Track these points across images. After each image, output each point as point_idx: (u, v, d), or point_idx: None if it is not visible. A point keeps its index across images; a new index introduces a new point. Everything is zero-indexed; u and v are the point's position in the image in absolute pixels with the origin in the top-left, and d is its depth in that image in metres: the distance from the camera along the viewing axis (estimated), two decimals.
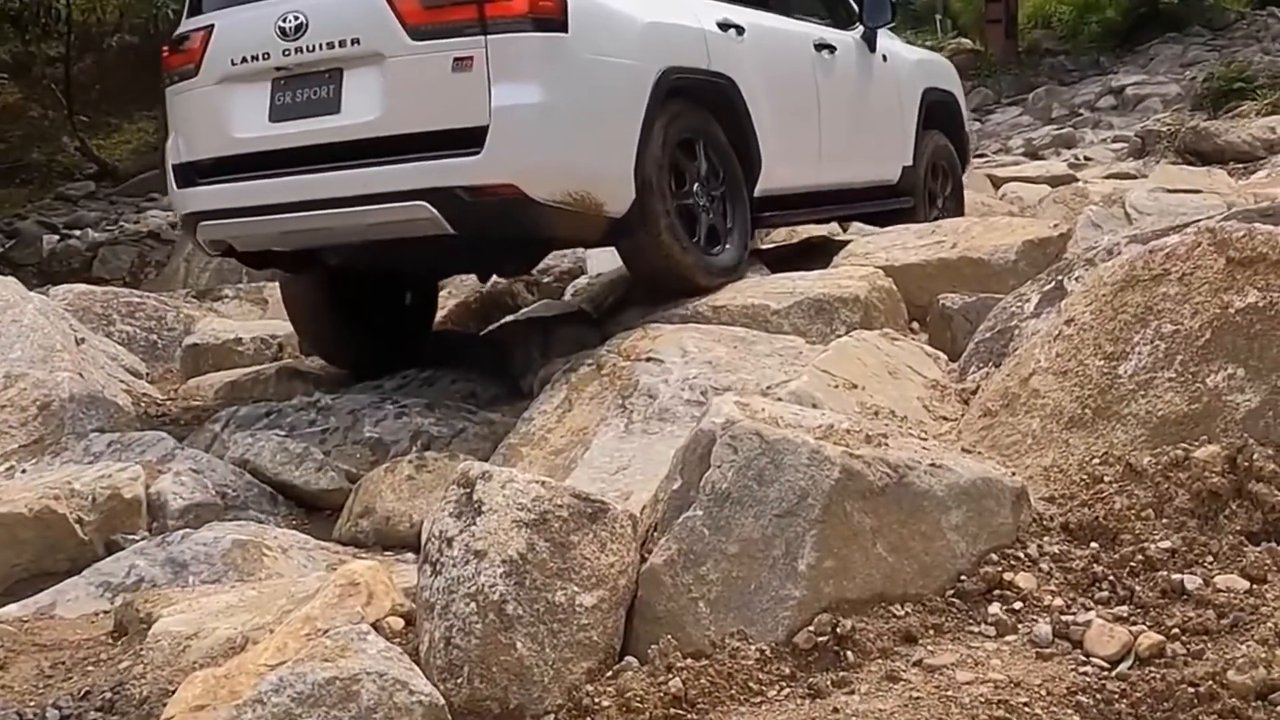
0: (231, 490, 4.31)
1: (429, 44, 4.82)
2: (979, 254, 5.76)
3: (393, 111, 4.87)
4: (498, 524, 2.63)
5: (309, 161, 4.99)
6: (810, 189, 6.47)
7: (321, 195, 4.95)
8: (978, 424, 3.34)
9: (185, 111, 5.43)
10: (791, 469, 2.67)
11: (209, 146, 5.30)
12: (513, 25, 4.80)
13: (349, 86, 4.96)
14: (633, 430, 4.19)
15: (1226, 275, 3.00)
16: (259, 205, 5.11)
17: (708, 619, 2.61)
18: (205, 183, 5.30)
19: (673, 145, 5.30)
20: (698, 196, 5.48)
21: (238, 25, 5.23)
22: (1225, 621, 2.42)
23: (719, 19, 5.76)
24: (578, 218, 4.98)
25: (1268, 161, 11.16)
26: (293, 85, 5.06)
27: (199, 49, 5.29)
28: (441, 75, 4.79)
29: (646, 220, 5.12)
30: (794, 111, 6.23)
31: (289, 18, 5.00)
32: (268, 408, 4.99)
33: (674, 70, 5.31)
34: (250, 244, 5.49)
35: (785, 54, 6.32)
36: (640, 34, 5.27)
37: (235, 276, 9.15)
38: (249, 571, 3.59)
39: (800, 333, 4.84)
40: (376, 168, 4.86)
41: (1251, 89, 14.88)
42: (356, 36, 4.93)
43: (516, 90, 4.79)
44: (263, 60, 5.09)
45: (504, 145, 4.76)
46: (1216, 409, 2.88)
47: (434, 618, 2.61)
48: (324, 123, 4.98)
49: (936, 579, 2.65)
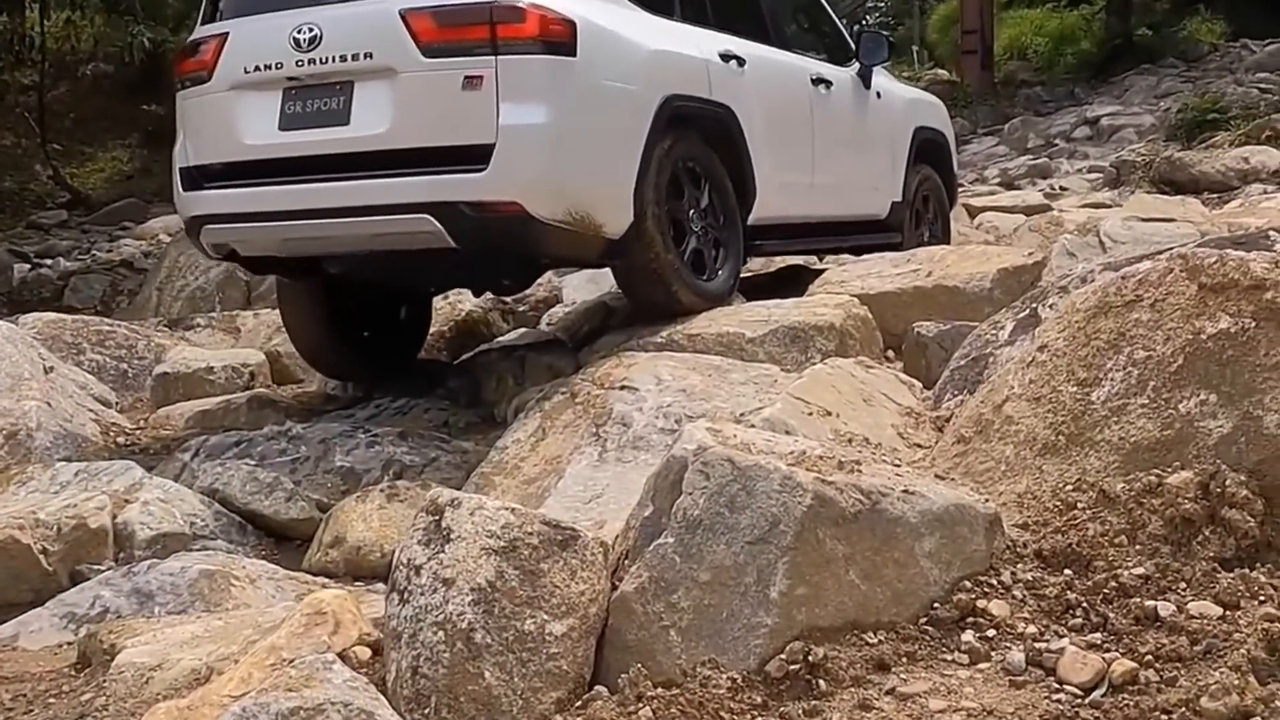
0: (200, 520, 4.26)
1: (440, 61, 4.91)
2: (954, 282, 5.78)
3: (401, 125, 4.95)
4: (466, 551, 2.60)
5: (316, 170, 5.07)
6: (802, 220, 6.58)
7: (327, 204, 5.03)
8: (952, 450, 3.33)
9: (196, 116, 5.50)
10: (764, 495, 2.64)
11: (218, 151, 5.37)
12: (523, 47, 4.91)
13: (359, 99, 5.04)
14: (607, 459, 4.17)
15: (1198, 301, 3.00)
16: (265, 211, 5.19)
17: (679, 647, 2.58)
18: (212, 187, 5.37)
19: (672, 171, 5.40)
20: (693, 222, 5.59)
21: (252, 34, 5.31)
22: (1198, 648, 2.40)
23: (721, 50, 5.90)
24: (577, 237, 5.06)
25: (1242, 191, 11.25)
26: (304, 95, 5.15)
27: (213, 55, 5.36)
28: (451, 92, 4.88)
29: (643, 242, 5.20)
30: (789, 143, 6.36)
31: (304, 29, 5.09)
32: (238, 437, 4.94)
33: (676, 98, 5.42)
34: (253, 249, 5.53)
35: (783, 87, 6.46)
36: (645, 61, 5.39)
37: (208, 305, 9.09)
38: (216, 602, 3.54)
39: (775, 361, 4.83)
40: (382, 179, 4.94)
41: (1225, 120, 15.00)
42: (370, 51, 5.02)
43: (524, 110, 4.89)
44: (275, 69, 5.17)
45: (509, 163, 4.85)
46: (1189, 435, 2.87)
47: (401, 647, 2.57)
48: (333, 133, 5.06)
49: (909, 606, 2.63)
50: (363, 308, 6.07)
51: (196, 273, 9.48)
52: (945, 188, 8.17)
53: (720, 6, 6.26)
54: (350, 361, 6.06)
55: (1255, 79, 18.83)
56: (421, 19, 4.95)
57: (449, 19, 4.94)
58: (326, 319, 5.97)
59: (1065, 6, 27.16)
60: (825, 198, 6.73)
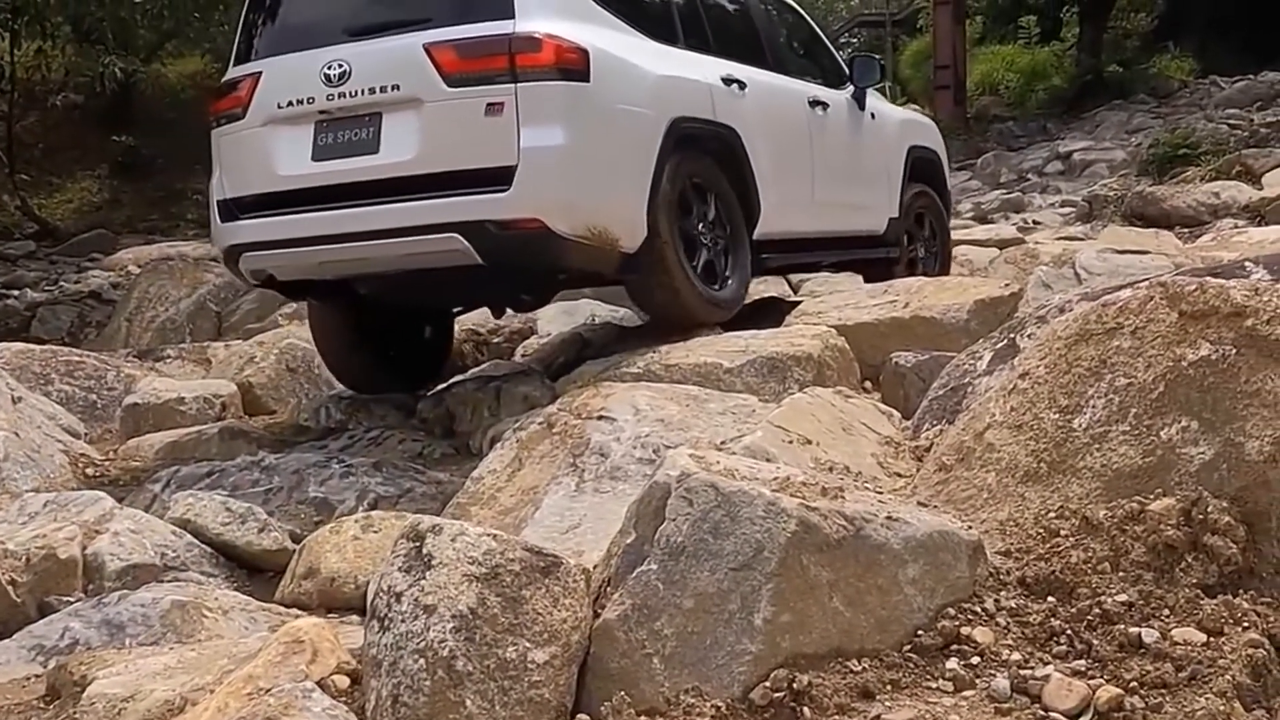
0: (171, 551, 4.18)
1: (464, 90, 5.22)
2: (931, 313, 5.80)
3: (428, 152, 5.24)
4: (448, 578, 2.57)
5: (349, 197, 5.35)
6: (804, 235, 6.91)
7: (361, 228, 5.31)
8: (933, 478, 3.31)
9: (231, 151, 5.79)
10: (747, 521, 2.62)
11: (254, 183, 5.65)
12: (541, 74, 5.22)
13: (388, 128, 5.33)
14: (584, 489, 4.13)
15: (1179, 329, 3.00)
16: (301, 237, 5.47)
17: (662, 675, 2.55)
18: (248, 217, 5.66)
19: (681, 187, 5.72)
20: (703, 235, 5.89)
21: (285, 72, 5.60)
22: (1183, 675, 2.39)
23: (723, 75, 6.23)
24: (595, 252, 5.39)
25: (1213, 225, 11.35)
26: (335, 127, 5.44)
27: (247, 93, 5.67)
28: (474, 119, 5.18)
29: (656, 255, 5.52)
30: (790, 161, 6.66)
31: (333, 65, 5.39)
32: (210, 467, 4.89)
33: (683, 120, 5.76)
34: (291, 273, 5.82)
35: (783, 108, 6.79)
36: (654, 86, 5.71)
37: (178, 337, 9.03)
38: (188, 633, 3.48)
39: (753, 391, 4.82)
40: (412, 203, 5.23)
41: (1195, 155, 15.15)
42: (396, 83, 5.32)
43: (543, 133, 5.19)
44: (307, 104, 5.47)
45: (530, 183, 5.15)
46: (1171, 462, 2.86)
47: (381, 675, 2.53)
48: (364, 161, 5.35)
49: (894, 633, 2.61)
50: (389, 326, 6.37)
51: (166, 304, 9.43)
52: (941, 202, 8.49)
53: (721, 34, 6.58)
54: (378, 377, 6.31)
55: (1225, 115, 19.07)
56: (445, 51, 5.24)
57: (471, 50, 5.23)
58: (356, 337, 6.28)
59: (1037, 43, 27.50)
60: (825, 213, 7.02)
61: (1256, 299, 2.95)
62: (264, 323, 8.84)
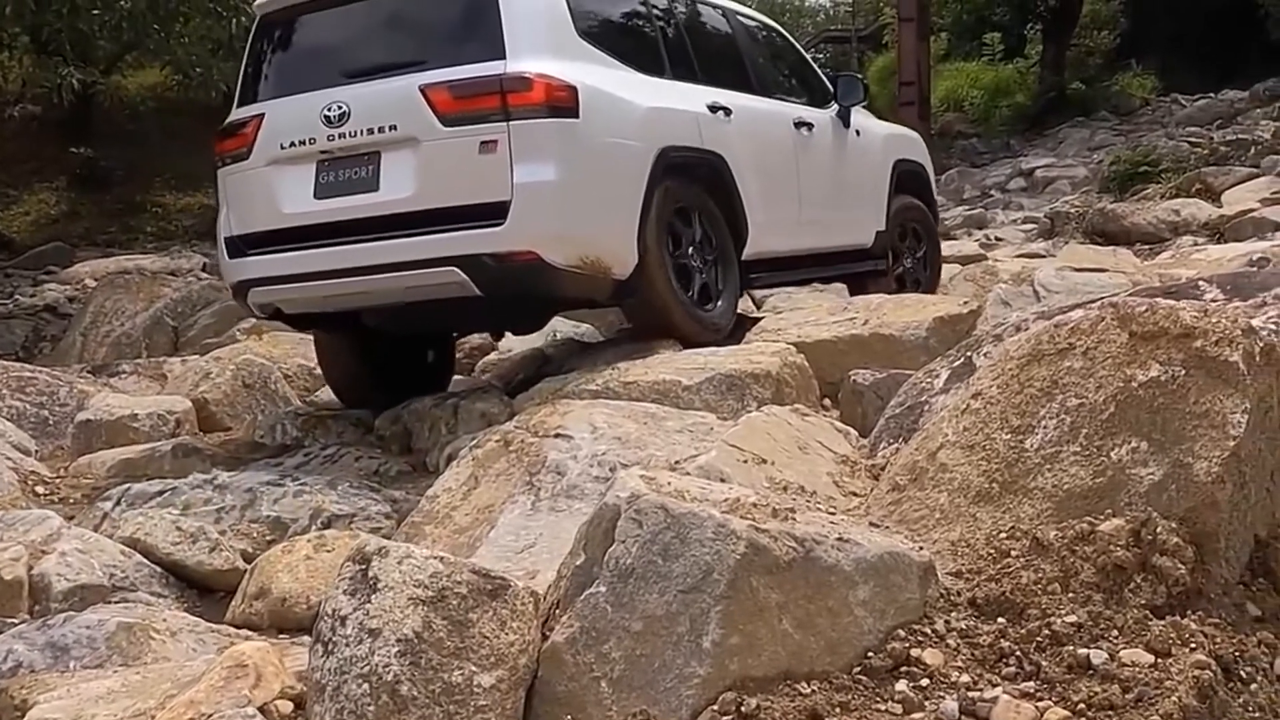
0: (120, 571, 4.13)
1: (458, 129, 5.43)
2: (890, 330, 5.81)
3: (426, 188, 5.46)
4: (393, 601, 2.54)
5: (351, 233, 5.58)
6: (792, 253, 7.11)
7: (363, 263, 5.53)
8: (886, 498, 3.31)
9: (236, 190, 6.03)
10: (697, 543, 2.60)
11: (259, 221, 5.88)
12: (532, 112, 5.43)
13: (386, 167, 5.55)
14: (540, 508, 4.10)
15: (1130, 349, 3.01)
16: (307, 272, 5.70)
17: (610, 699, 2.52)
18: (255, 253, 5.88)
19: (670, 214, 5.94)
20: (693, 260, 6.11)
21: (287, 113, 5.83)
22: (1130, 696, 2.38)
23: (709, 102, 6.44)
24: (588, 280, 5.62)
25: (1172, 243, 11.44)
26: (336, 166, 5.67)
27: (251, 134, 5.90)
28: (469, 156, 5.40)
29: (647, 281, 5.75)
30: (776, 183, 6.86)
31: (333, 107, 5.62)
32: (161, 485, 4.82)
33: (671, 149, 5.96)
34: (297, 307, 6.05)
35: (768, 132, 7.00)
36: (641, 118, 5.92)
37: (133, 352, 8.93)
38: (134, 655, 3.43)
39: (711, 409, 4.81)
40: (412, 238, 5.45)
41: (1156, 172, 15.30)
42: (394, 123, 5.53)
43: (535, 169, 5.40)
44: (309, 144, 5.69)
45: (525, 217, 5.36)
46: (1121, 482, 2.87)
47: (325, 700, 2.50)
48: (364, 199, 5.57)
49: (843, 655, 2.59)
50: (392, 351, 6.58)
51: (122, 318, 9.33)
52: (929, 212, 8.73)
53: (705, 62, 6.78)
54: (382, 400, 6.36)
55: (1185, 133, 19.28)
56: (440, 92, 5.46)
57: (464, 91, 5.44)
58: (360, 363, 6.49)
59: (1001, 60, 27.73)
60: (812, 231, 7.24)
61: (1205, 320, 2.96)
62: (221, 338, 8.76)
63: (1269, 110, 19.55)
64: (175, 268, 13.24)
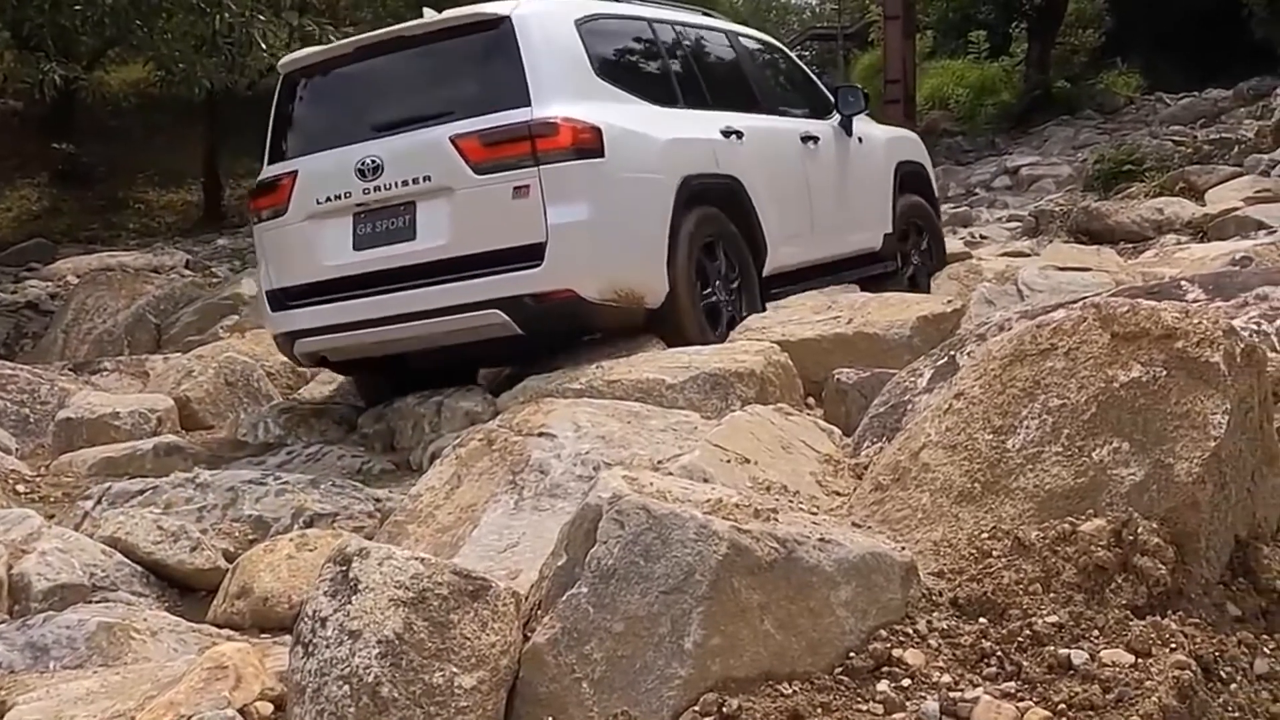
0: (101, 570, 4.10)
1: (490, 177, 5.66)
2: (874, 329, 5.82)
3: (462, 235, 5.70)
4: (374, 602, 2.53)
5: (391, 282, 5.82)
6: (808, 264, 7.35)
7: (406, 310, 5.77)
8: (869, 498, 3.30)
9: (275, 245, 6.25)
10: (679, 544, 2.60)
11: (301, 274, 6.13)
12: (560, 156, 5.66)
13: (422, 216, 5.78)
14: (523, 507, 4.09)
15: (1111, 350, 3.01)
16: (351, 322, 5.93)
17: (591, 700, 2.52)
18: (297, 305, 6.14)
19: (696, 241, 6.20)
20: (717, 284, 6.40)
21: (320, 169, 6.05)
22: (1110, 696, 2.39)
23: (722, 128, 6.72)
24: (623, 312, 5.88)
25: (1156, 241, 11.44)
26: (372, 218, 5.89)
27: (286, 191, 6.13)
28: (503, 202, 5.63)
29: (678, 308, 6.02)
30: (789, 199, 7.15)
31: (367, 161, 5.84)
32: (143, 484, 4.80)
33: (691, 178, 6.25)
34: (343, 355, 6.27)
35: (778, 150, 7.28)
36: (661, 150, 6.19)
37: (116, 349, 8.90)
38: (115, 655, 3.41)
39: (695, 408, 4.81)
40: (452, 284, 5.69)
41: (1140, 171, 15.32)
42: (428, 174, 5.77)
43: (568, 210, 5.63)
44: (345, 199, 5.92)
45: (561, 256, 5.62)
46: (1102, 483, 2.87)
47: (305, 702, 2.49)
48: (402, 248, 5.80)
49: (825, 656, 2.59)
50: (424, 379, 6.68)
51: (104, 315, 9.30)
52: (931, 209, 9.12)
53: (714, 87, 7.09)
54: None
55: (1170, 131, 19.34)
56: (470, 142, 5.70)
57: (494, 139, 5.68)
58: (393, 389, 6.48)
59: (986, 58, 27.78)
60: (825, 241, 7.53)
61: (1187, 321, 2.96)
62: (204, 335, 8.74)
63: (1252, 109, 19.60)
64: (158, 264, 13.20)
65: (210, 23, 12.21)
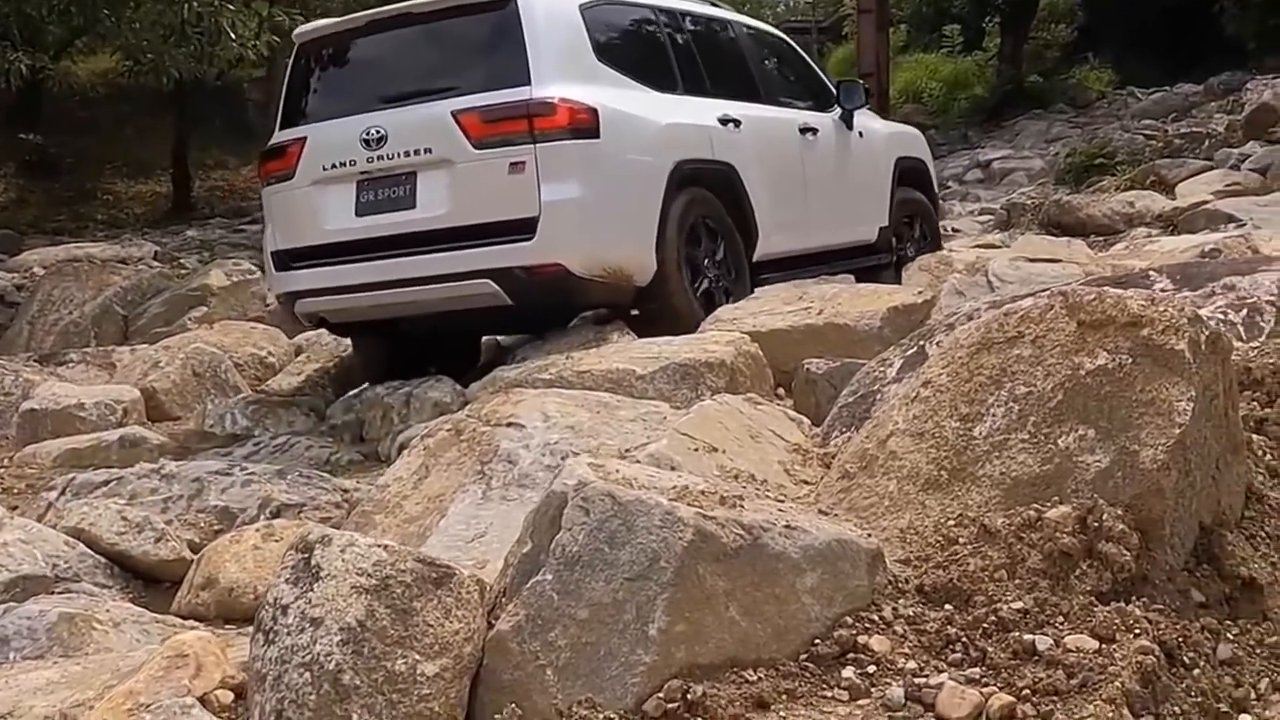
0: (63, 561, 4.06)
1: (489, 152, 5.91)
2: (845, 320, 5.82)
3: (459, 206, 5.95)
4: (336, 590, 2.51)
5: (390, 248, 6.08)
6: (800, 252, 7.54)
7: (402, 276, 6.02)
8: (836, 486, 3.30)
9: (281, 208, 6.53)
10: (644, 531, 2.58)
11: (304, 236, 6.38)
12: (556, 135, 5.90)
13: (422, 186, 6.03)
14: (491, 497, 4.08)
15: (1078, 338, 3.02)
16: (350, 285, 6.20)
17: (555, 687, 2.50)
18: (300, 267, 6.39)
19: (685, 223, 6.38)
20: (706, 264, 6.56)
21: (328, 137, 6.32)
22: (1074, 681, 2.39)
23: (719, 115, 6.91)
24: (612, 288, 6.10)
25: (1127, 234, 11.51)
26: (375, 186, 6.15)
27: (294, 157, 6.39)
28: (499, 176, 5.87)
29: (666, 287, 6.20)
30: (784, 188, 7.31)
31: (371, 130, 6.10)
32: (107, 475, 4.76)
33: (685, 162, 6.44)
34: (341, 316, 6.53)
35: (775, 140, 7.45)
36: (656, 134, 6.40)
37: (82, 340, 8.82)
38: (76, 646, 3.37)
39: (665, 398, 4.81)
40: (447, 252, 5.94)
41: (1111, 165, 15.40)
42: (429, 146, 6.03)
43: (561, 187, 5.86)
44: (350, 166, 6.18)
45: (552, 232, 5.85)
46: (1068, 470, 2.87)
47: (265, 690, 2.47)
48: (402, 216, 6.06)
49: (790, 643, 2.58)
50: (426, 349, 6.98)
51: (71, 306, 9.22)
52: (930, 204, 9.31)
53: (715, 75, 7.25)
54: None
55: (1141, 125, 19.42)
56: (471, 117, 5.95)
57: (494, 115, 5.93)
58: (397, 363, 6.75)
59: (959, 52, 27.86)
60: (819, 231, 7.68)
61: (1152, 309, 2.97)
62: (171, 327, 8.67)
63: (1223, 104, 19.72)
64: (125, 256, 13.10)
65: (179, 12, 12.11)
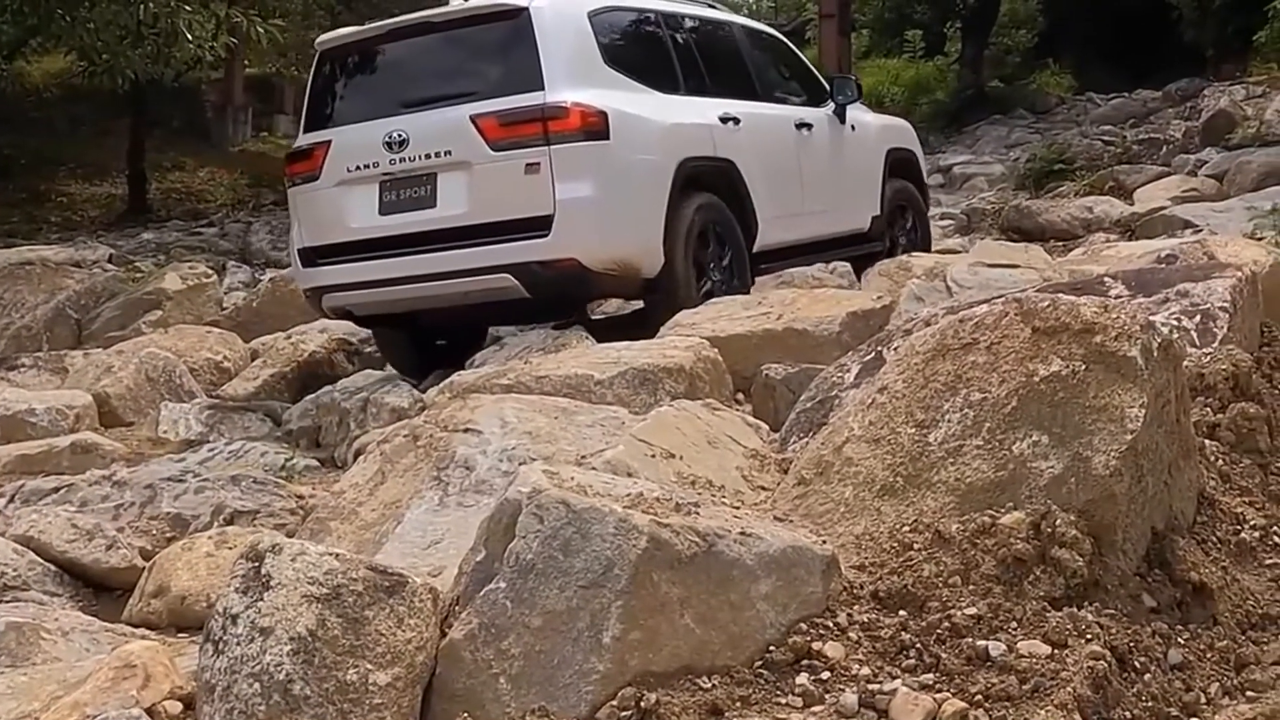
0: (12, 570, 3.99)
1: (506, 153, 6.26)
2: (804, 325, 5.82)
3: (478, 206, 6.32)
4: (286, 599, 2.48)
5: (412, 245, 6.45)
6: (797, 242, 7.88)
7: (425, 271, 6.40)
8: (792, 492, 3.30)
9: (308, 207, 6.90)
10: (598, 538, 2.57)
11: (330, 234, 6.76)
12: (569, 137, 6.24)
13: (442, 187, 6.40)
14: (448, 503, 4.05)
15: (1032, 344, 3.03)
16: (375, 280, 6.58)
17: (508, 695, 2.49)
18: (326, 263, 6.79)
19: (693, 222, 6.73)
20: (709, 257, 6.94)
21: (351, 140, 6.70)
22: (1027, 687, 2.40)
23: (720, 114, 7.27)
24: (621, 280, 6.55)
25: (1085, 239, 11.59)
26: (397, 186, 6.52)
27: (320, 159, 6.76)
28: (516, 177, 6.22)
29: (672, 279, 6.57)
30: (781, 182, 7.66)
31: (393, 134, 6.47)
32: (58, 482, 4.69)
33: (689, 160, 6.80)
34: (366, 310, 6.92)
35: (773, 136, 7.80)
36: (662, 134, 6.77)
37: (34, 345, 8.71)
38: (23, 656, 3.31)
39: (624, 403, 4.78)
40: (468, 249, 6.31)
41: (1071, 170, 15.52)
42: (449, 149, 6.39)
43: (574, 186, 6.21)
44: (373, 168, 6.55)
45: (566, 229, 6.21)
46: (1022, 475, 2.88)
47: (214, 700, 2.44)
48: (423, 215, 6.43)
49: (745, 650, 2.58)
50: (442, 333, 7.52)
51: (22, 310, 9.10)
52: (919, 192, 9.70)
53: (715, 76, 7.61)
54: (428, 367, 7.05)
55: (1100, 131, 19.58)
56: (488, 121, 6.30)
57: (510, 119, 6.29)
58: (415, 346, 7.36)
59: (921, 57, 28.01)
60: (814, 221, 8.04)
61: (1105, 316, 2.99)
62: (126, 331, 8.57)
63: (1180, 110, 19.92)
64: (80, 259, 12.94)
65: (135, 13, 12.00)
